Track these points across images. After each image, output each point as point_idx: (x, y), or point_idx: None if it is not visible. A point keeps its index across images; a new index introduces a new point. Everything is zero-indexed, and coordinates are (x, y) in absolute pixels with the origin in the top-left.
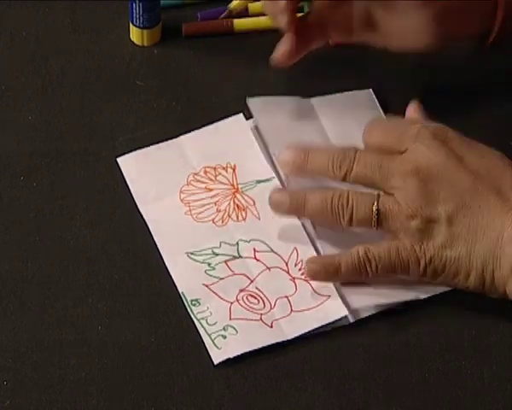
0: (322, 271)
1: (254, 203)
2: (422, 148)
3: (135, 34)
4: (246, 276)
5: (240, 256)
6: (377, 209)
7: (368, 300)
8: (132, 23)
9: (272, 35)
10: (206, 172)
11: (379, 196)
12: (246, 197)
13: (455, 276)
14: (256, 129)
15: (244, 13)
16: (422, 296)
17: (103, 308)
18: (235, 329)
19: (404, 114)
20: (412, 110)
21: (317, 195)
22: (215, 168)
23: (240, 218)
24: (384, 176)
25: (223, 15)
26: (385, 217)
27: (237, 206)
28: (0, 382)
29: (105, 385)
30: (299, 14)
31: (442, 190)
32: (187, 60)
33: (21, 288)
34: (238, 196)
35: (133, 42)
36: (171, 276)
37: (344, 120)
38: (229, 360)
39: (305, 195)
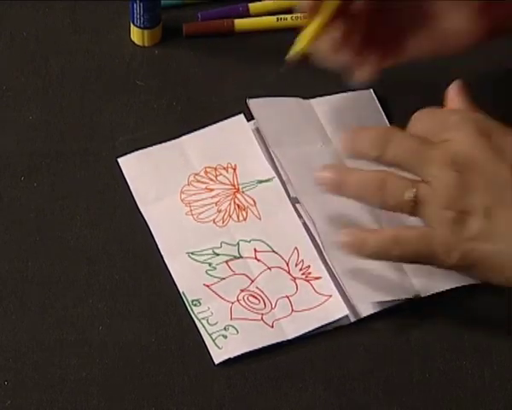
0: (350, 244)
1: (255, 203)
2: (463, 138)
3: (135, 34)
4: (246, 276)
5: (240, 256)
6: (413, 196)
7: (369, 297)
8: (133, 23)
9: (273, 35)
10: (206, 173)
11: (416, 182)
12: (246, 197)
13: (488, 271)
14: (257, 131)
15: (245, 13)
16: (423, 294)
17: (104, 308)
18: (235, 329)
19: (403, 116)
20: (455, 92)
21: (359, 174)
22: (216, 168)
23: (240, 218)
24: (422, 162)
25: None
26: (419, 206)
27: (238, 206)
28: (1, 382)
29: (106, 385)
30: None
31: (480, 182)
32: (187, 60)
33: (22, 288)
34: (239, 195)
35: (134, 42)
36: (171, 276)
37: (344, 121)
38: (229, 359)
39: (347, 174)
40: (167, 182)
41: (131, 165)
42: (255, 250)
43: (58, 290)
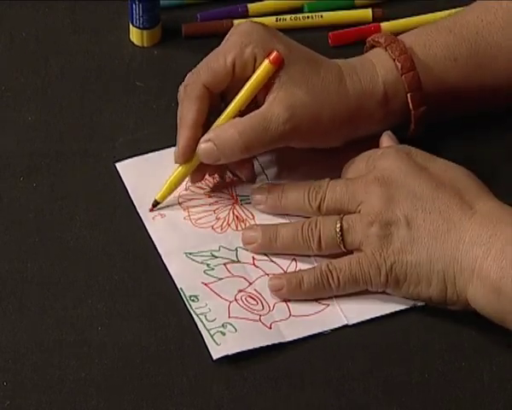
0: (286, 285)
1: (254, 218)
2: (386, 161)
3: (135, 35)
4: (244, 279)
5: (238, 261)
6: (340, 226)
7: (365, 314)
8: (132, 24)
9: None
10: (204, 179)
11: (344, 215)
12: (245, 210)
13: (417, 284)
14: None
15: (244, 13)
16: (421, 303)
17: (103, 309)
18: (234, 327)
19: None
20: (386, 139)
21: (289, 225)
22: (213, 177)
23: (239, 228)
24: (351, 195)
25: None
26: (348, 232)
27: (236, 217)
28: (0, 382)
29: (105, 386)
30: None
31: (402, 194)
32: (187, 60)
33: (21, 288)
34: (237, 207)
35: (133, 42)
36: (170, 275)
37: None
38: (228, 359)
39: (277, 227)
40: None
41: (129, 170)
42: (253, 258)
43: (57, 291)
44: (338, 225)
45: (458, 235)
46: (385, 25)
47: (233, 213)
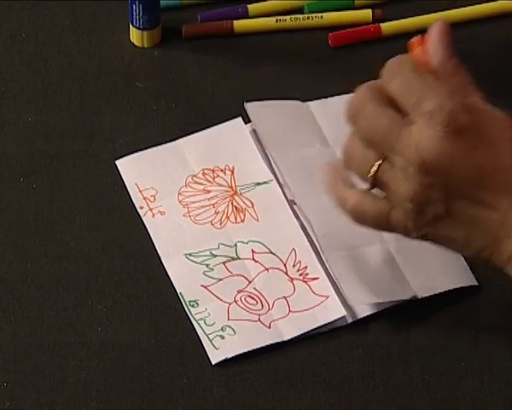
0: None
1: (253, 205)
2: (430, 136)
3: (135, 36)
4: (244, 277)
5: (238, 258)
6: (374, 172)
7: (366, 298)
8: (132, 24)
9: (272, 36)
10: (204, 174)
11: (384, 160)
12: (244, 199)
13: (448, 248)
14: (254, 132)
15: (244, 14)
16: (421, 295)
17: (103, 310)
18: (233, 329)
19: None
20: (436, 39)
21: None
22: (213, 170)
23: (238, 219)
24: (388, 147)
25: None
26: (381, 184)
27: (235, 208)
28: (0, 383)
29: (105, 387)
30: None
31: (445, 180)
32: (187, 61)
33: (21, 289)
34: (236, 197)
35: (133, 43)
36: (169, 277)
37: (342, 122)
38: (228, 361)
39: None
40: (165, 184)
41: (129, 167)
42: (253, 251)
43: (57, 292)
44: (373, 170)
45: (502, 215)
46: (385, 26)
47: (232, 204)
